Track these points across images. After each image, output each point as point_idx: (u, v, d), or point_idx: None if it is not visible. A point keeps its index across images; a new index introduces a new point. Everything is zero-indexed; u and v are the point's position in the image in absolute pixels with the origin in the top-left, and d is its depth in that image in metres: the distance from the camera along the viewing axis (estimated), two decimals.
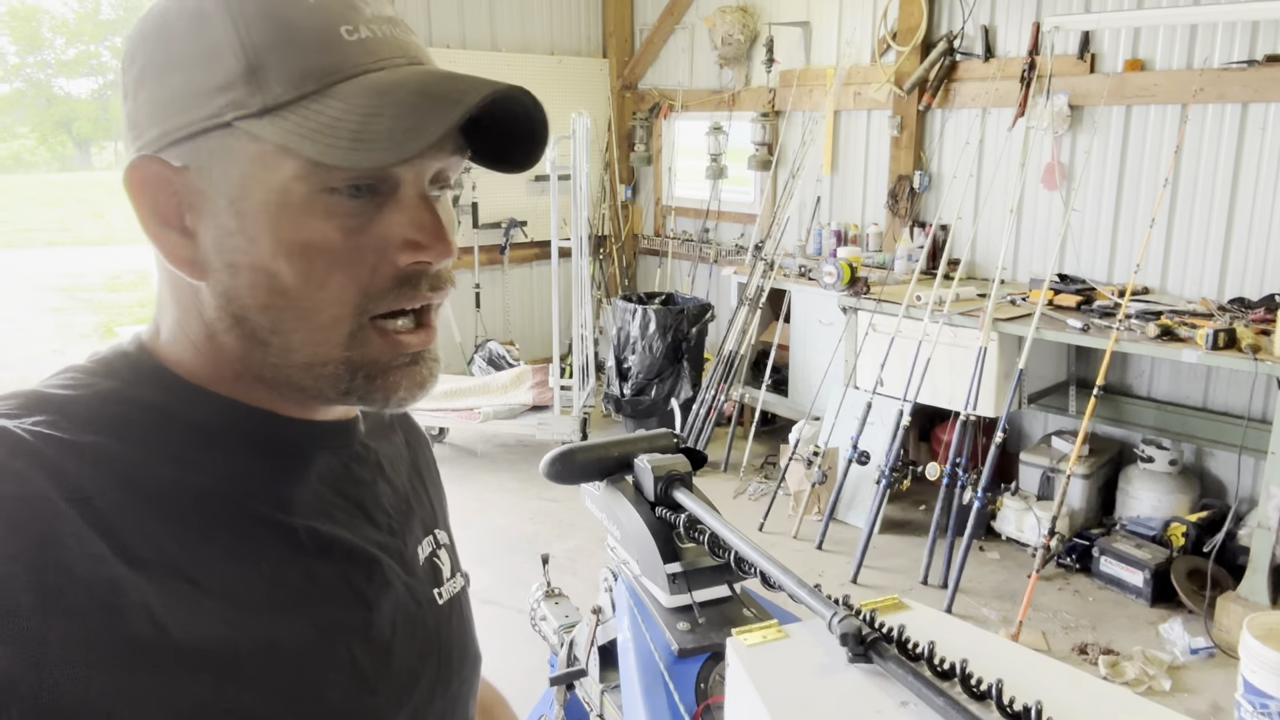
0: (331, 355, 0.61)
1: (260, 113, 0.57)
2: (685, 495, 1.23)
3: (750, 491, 4.52)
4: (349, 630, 0.64)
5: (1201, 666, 3.04)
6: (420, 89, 0.57)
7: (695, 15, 5.80)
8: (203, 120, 0.58)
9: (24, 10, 15.97)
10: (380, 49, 0.59)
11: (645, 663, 1.17)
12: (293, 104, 0.57)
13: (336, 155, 0.55)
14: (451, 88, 0.57)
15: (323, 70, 0.57)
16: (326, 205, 0.58)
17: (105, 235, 14.87)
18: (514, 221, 5.92)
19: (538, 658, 2.02)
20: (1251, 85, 3.49)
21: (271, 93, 0.57)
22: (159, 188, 0.60)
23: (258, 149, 0.57)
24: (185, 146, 0.59)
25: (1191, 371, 3.81)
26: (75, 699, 0.49)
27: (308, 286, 0.59)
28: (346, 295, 0.60)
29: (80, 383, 0.60)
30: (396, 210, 0.60)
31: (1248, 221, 3.62)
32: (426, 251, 0.61)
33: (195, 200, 0.60)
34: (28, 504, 0.51)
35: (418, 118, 0.55)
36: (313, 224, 0.58)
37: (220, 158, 0.58)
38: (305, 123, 0.56)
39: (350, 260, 0.59)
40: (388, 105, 0.56)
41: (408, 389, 0.64)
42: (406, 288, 0.61)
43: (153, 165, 0.60)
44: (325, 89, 0.57)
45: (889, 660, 0.70)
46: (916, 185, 4.68)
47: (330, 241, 0.58)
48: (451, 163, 0.64)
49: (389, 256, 0.60)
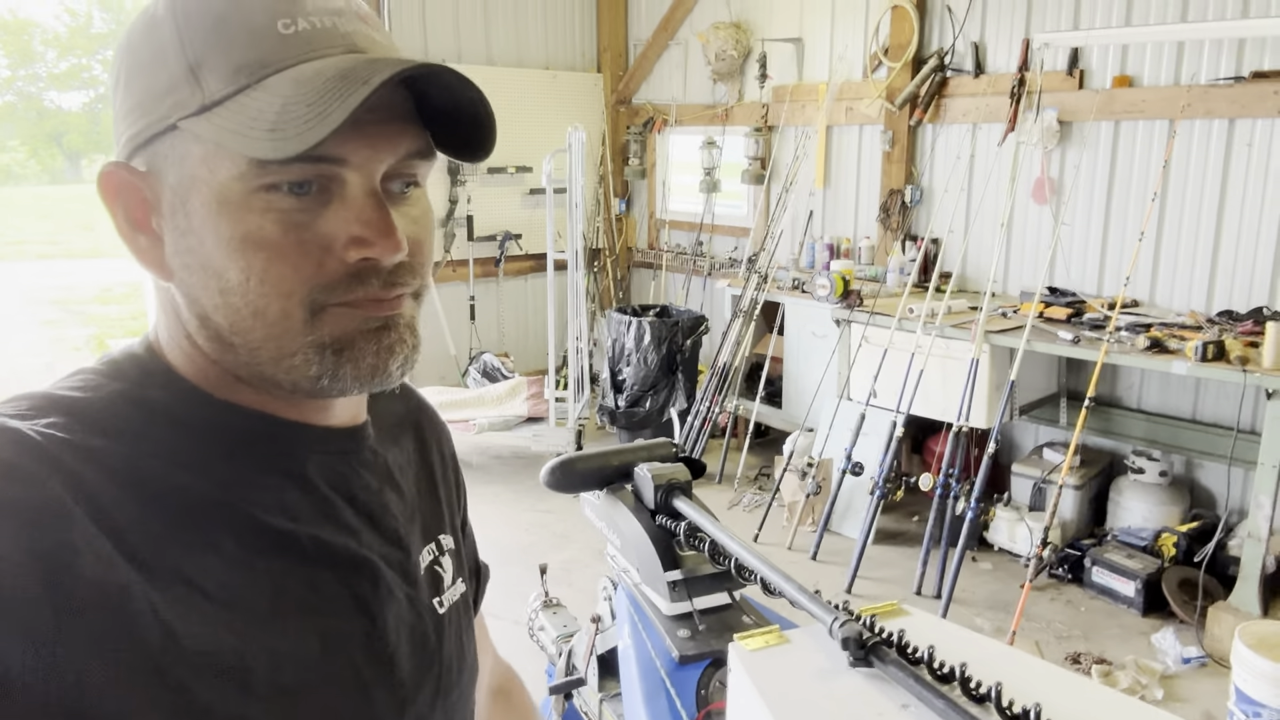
0: (295, 344, 0.60)
1: (199, 111, 0.57)
2: (685, 503, 1.24)
3: (745, 503, 4.53)
4: (351, 640, 0.64)
5: (1193, 676, 3.05)
6: (337, 74, 0.56)
7: (689, 31, 5.84)
8: (155, 123, 0.59)
9: (15, 24, 15.94)
10: (317, 40, 0.58)
11: (646, 670, 1.18)
12: (227, 100, 0.57)
13: (255, 147, 0.55)
14: (366, 70, 0.56)
15: (255, 64, 0.57)
16: (265, 202, 0.58)
17: (96, 248, 14.80)
18: (509, 234, 5.94)
19: (536, 669, 2.03)
20: (1238, 101, 3.54)
21: (209, 90, 0.57)
22: (129, 193, 0.62)
23: (201, 149, 0.58)
24: (146, 151, 0.60)
25: (1181, 383, 3.84)
26: (84, 700, 0.49)
27: (250, 282, 0.58)
28: (291, 288, 0.59)
29: (90, 384, 0.61)
30: (342, 207, 0.59)
31: (1235, 235, 3.66)
32: (372, 247, 0.59)
33: (159, 203, 0.61)
34: (41, 506, 0.51)
35: (326, 103, 0.54)
36: (251, 220, 0.58)
37: (172, 160, 0.59)
38: (234, 118, 0.56)
39: (293, 255, 0.58)
40: (303, 93, 0.55)
41: (375, 355, 0.62)
42: (356, 283, 0.60)
43: (121, 171, 0.61)
44: (256, 83, 0.57)
45: (890, 664, 0.71)
46: (908, 199, 4.72)
47: (269, 237, 0.58)
48: (413, 161, 0.63)
49: (336, 253, 0.59)
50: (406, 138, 0.61)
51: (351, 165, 0.59)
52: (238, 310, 0.59)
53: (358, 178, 0.59)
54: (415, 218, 0.64)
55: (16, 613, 0.48)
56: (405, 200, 0.63)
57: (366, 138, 0.59)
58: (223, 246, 0.58)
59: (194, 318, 0.62)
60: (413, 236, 0.63)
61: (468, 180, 5.71)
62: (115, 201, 0.62)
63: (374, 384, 0.63)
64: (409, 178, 0.63)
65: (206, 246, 0.59)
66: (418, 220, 0.64)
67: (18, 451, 0.53)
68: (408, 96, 0.61)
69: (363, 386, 0.63)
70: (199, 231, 0.59)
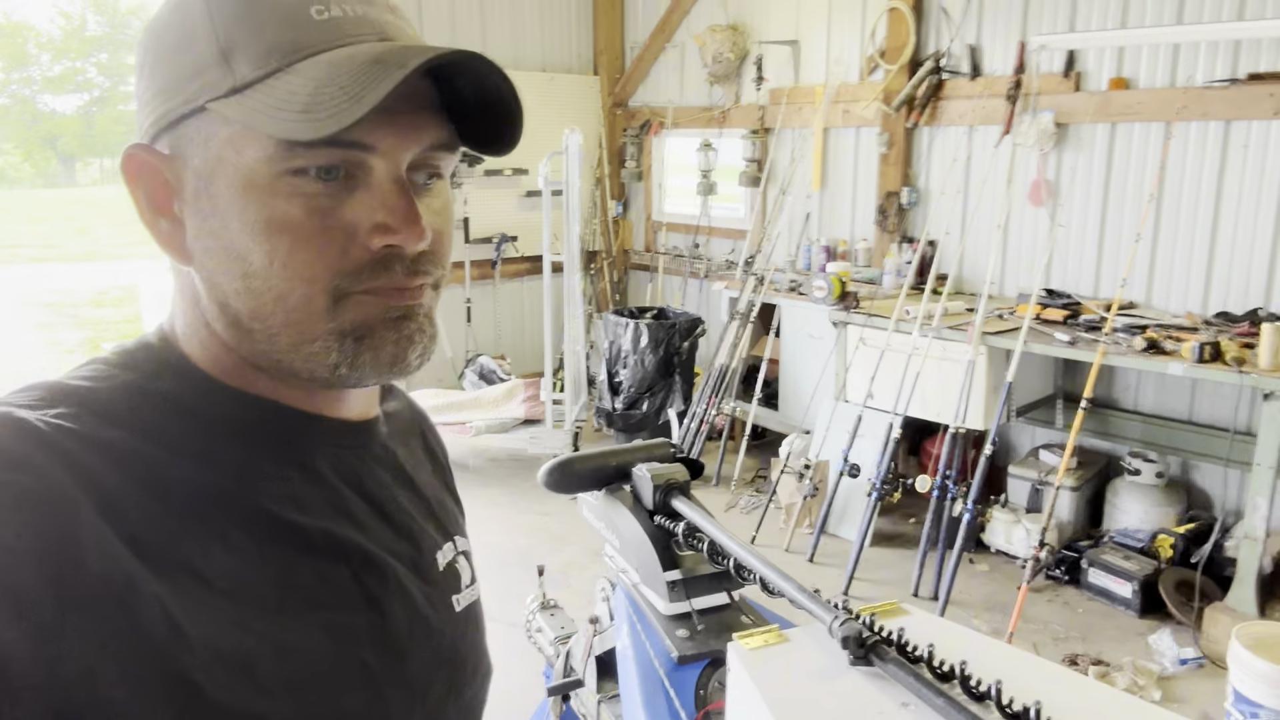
0: (317, 330, 0.60)
1: (229, 93, 0.57)
2: (684, 503, 1.24)
3: (742, 505, 4.53)
4: (360, 634, 0.64)
5: (1191, 677, 3.05)
6: (372, 58, 0.56)
7: (686, 33, 5.85)
8: (182, 105, 0.59)
9: (10, 27, 15.93)
10: (350, 27, 0.59)
11: (645, 670, 1.17)
12: (257, 83, 0.57)
13: (286, 128, 0.55)
14: (400, 55, 0.56)
15: (288, 48, 0.57)
16: (292, 186, 0.58)
17: (91, 251, 14.79)
18: (505, 237, 5.94)
19: (533, 671, 2.02)
20: (1234, 103, 3.55)
21: (240, 73, 0.57)
22: (151, 176, 0.61)
23: (228, 132, 0.58)
24: (171, 133, 0.60)
25: (1177, 385, 3.85)
26: (89, 693, 0.49)
27: (274, 266, 0.58)
28: (315, 274, 0.59)
29: (102, 374, 0.61)
30: (367, 193, 0.59)
31: (1231, 236, 3.67)
32: (396, 235, 0.59)
33: (182, 186, 0.61)
34: (47, 497, 0.50)
35: (360, 86, 0.54)
36: (276, 204, 0.58)
37: (198, 142, 0.59)
38: (265, 99, 0.56)
39: (317, 240, 0.58)
40: (338, 76, 0.55)
41: (395, 344, 0.62)
42: (380, 270, 0.60)
43: (145, 154, 0.61)
44: (288, 66, 0.57)
45: (889, 663, 0.71)
46: (904, 201, 4.73)
47: (293, 220, 0.58)
48: (437, 153, 0.63)
49: (359, 239, 0.59)
50: (432, 128, 0.61)
51: (378, 153, 0.59)
52: (259, 295, 0.59)
53: (384, 165, 0.60)
54: (437, 209, 0.64)
55: (19, 603, 0.47)
56: (428, 191, 0.64)
57: (395, 126, 0.59)
58: (247, 230, 0.58)
59: (213, 304, 0.61)
60: (435, 227, 0.63)
61: (464, 182, 5.71)
62: (137, 184, 0.62)
63: (392, 374, 0.63)
64: (433, 169, 0.64)
65: (230, 230, 0.59)
66: (439, 212, 0.64)
67: (24, 441, 0.52)
68: (433, 87, 0.61)
69: (380, 376, 0.63)
70: (223, 214, 0.59)
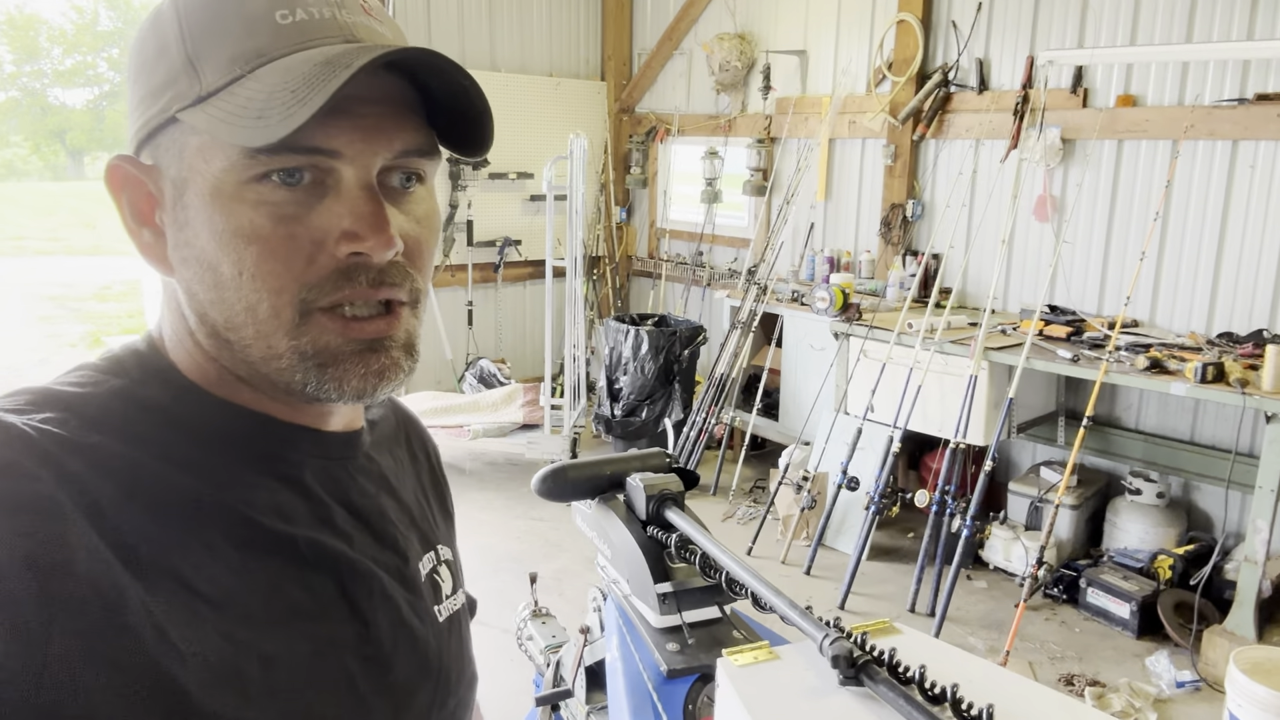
0: (281, 346, 0.59)
1: (195, 102, 0.57)
2: (677, 515, 1.23)
3: (739, 515, 4.51)
4: (344, 645, 0.63)
5: (1187, 700, 3.03)
6: (323, 60, 0.55)
7: (693, 41, 5.85)
8: (158, 115, 0.59)
9: (22, 20, 15.99)
10: (314, 30, 0.58)
11: (634, 683, 1.16)
12: (221, 90, 0.56)
13: (242, 134, 0.54)
14: (349, 56, 0.55)
15: (250, 54, 0.57)
16: (258, 194, 0.57)
17: (96, 245, 14.81)
18: (508, 240, 5.94)
19: (523, 678, 2.01)
20: (1242, 123, 3.53)
21: (206, 81, 0.57)
22: (134, 187, 0.61)
23: (198, 141, 0.57)
24: (151, 145, 0.60)
25: (1180, 405, 3.83)
26: (75, 701, 0.48)
27: (242, 277, 0.58)
28: (282, 285, 0.58)
29: (90, 380, 0.60)
30: (336, 201, 0.58)
31: (1236, 257, 3.66)
32: (363, 243, 0.58)
33: (162, 198, 0.61)
34: (35, 503, 0.50)
35: (309, 88, 0.53)
36: (243, 212, 0.57)
37: (173, 152, 0.59)
38: (225, 107, 0.56)
39: (284, 249, 0.57)
40: (290, 80, 0.55)
41: (362, 379, 0.61)
42: (343, 280, 0.59)
43: (126, 165, 0.61)
44: (249, 73, 0.56)
45: (880, 683, 0.70)
46: (909, 214, 4.72)
47: (260, 230, 0.57)
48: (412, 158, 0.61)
49: (328, 248, 0.58)
50: (406, 131, 0.60)
51: (345, 158, 0.58)
52: (231, 305, 0.59)
53: (352, 171, 0.58)
54: (419, 217, 0.63)
55: (5, 610, 0.47)
56: (407, 198, 0.62)
57: (361, 130, 0.58)
58: (216, 240, 0.58)
59: (193, 314, 0.61)
60: (412, 235, 0.61)
61: (468, 185, 5.71)
62: (120, 195, 0.62)
63: (362, 402, 0.63)
64: (410, 173, 0.62)
65: (202, 240, 0.58)
66: (421, 220, 0.63)
67: (11, 446, 0.52)
68: (408, 89, 0.60)
69: (351, 402, 0.63)
70: (195, 224, 0.58)
